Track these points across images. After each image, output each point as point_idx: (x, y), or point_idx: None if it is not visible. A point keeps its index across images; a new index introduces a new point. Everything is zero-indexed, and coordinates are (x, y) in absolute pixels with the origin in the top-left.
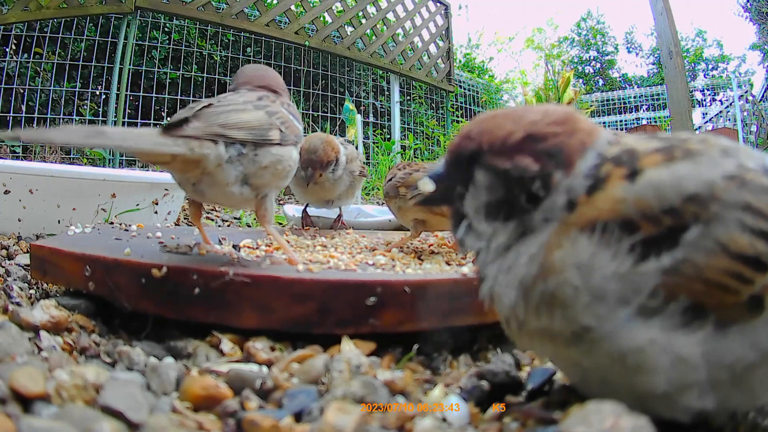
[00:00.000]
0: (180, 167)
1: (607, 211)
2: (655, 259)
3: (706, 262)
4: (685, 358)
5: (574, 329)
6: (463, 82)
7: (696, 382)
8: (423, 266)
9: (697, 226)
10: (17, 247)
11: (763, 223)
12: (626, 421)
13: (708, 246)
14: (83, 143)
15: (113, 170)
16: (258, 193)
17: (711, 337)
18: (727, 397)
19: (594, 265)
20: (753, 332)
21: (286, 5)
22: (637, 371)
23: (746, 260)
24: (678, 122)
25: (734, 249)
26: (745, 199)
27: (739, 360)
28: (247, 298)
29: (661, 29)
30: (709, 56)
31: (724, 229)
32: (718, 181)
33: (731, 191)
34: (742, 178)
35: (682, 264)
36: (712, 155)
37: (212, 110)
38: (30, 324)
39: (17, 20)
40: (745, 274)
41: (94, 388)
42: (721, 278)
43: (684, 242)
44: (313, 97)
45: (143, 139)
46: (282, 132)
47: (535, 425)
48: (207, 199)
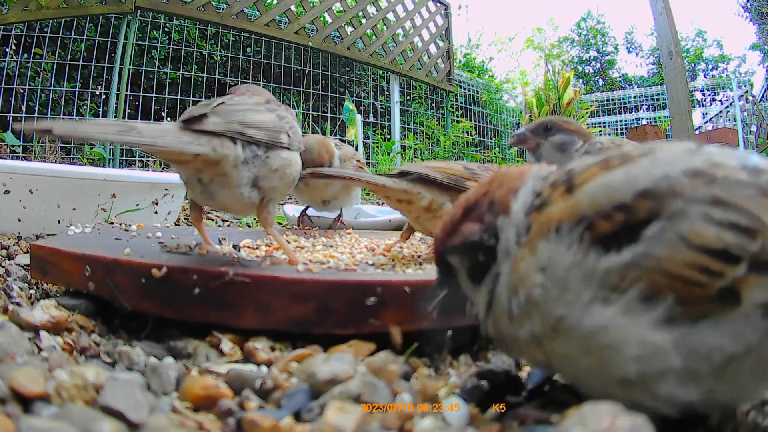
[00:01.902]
0: (197, 167)
1: (557, 217)
2: (615, 254)
3: (667, 255)
4: (650, 342)
5: (551, 323)
6: (463, 82)
7: (669, 369)
8: (423, 266)
9: (659, 222)
10: (17, 247)
11: (734, 215)
12: (623, 421)
13: (670, 240)
14: (116, 140)
15: (113, 170)
16: (264, 196)
17: (681, 326)
18: (714, 390)
19: (554, 260)
20: (732, 324)
21: (286, 5)
22: (604, 351)
23: (712, 253)
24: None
25: (697, 242)
26: (714, 194)
27: (718, 351)
28: (247, 298)
29: (661, 29)
30: (709, 56)
31: (688, 224)
32: (676, 177)
33: (696, 187)
34: (711, 174)
35: (642, 258)
36: (664, 156)
37: (229, 108)
38: (30, 324)
39: (17, 20)
40: (712, 267)
41: (94, 388)
42: (683, 271)
43: (645, 237)
44: (313, 97)
45: (169, 138)
46: (290, 137)
47: (533, 425)
48: (213, 201)
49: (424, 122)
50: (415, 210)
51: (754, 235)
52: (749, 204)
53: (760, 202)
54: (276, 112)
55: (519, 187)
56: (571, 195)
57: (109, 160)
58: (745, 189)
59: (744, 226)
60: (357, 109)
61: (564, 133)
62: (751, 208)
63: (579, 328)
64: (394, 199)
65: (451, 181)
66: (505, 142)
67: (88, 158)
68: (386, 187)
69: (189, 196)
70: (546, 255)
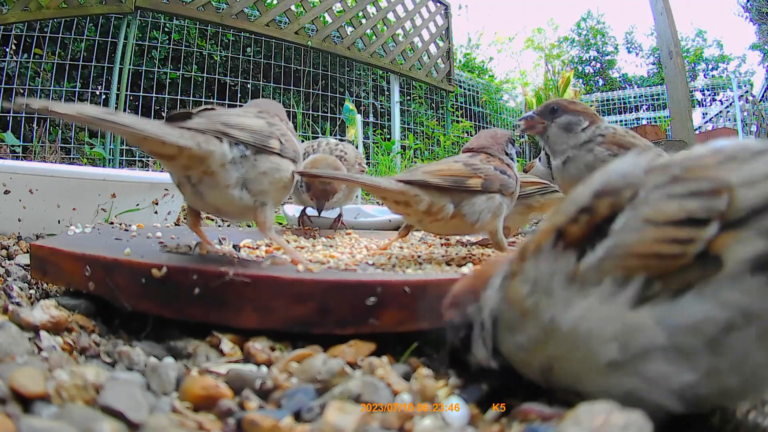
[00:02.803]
0: (184, 163)
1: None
2: (591, 253)
3: (636, 239)
4: (629, 322)
5: (544, 327)
6: (463, 82)
7: (653, 346)
8: (423, 266)
9: (623, 214)
10: (17, 247)
11: (693, 185)
12: (617, 418)
13: (635, 226)
14: (94, 120)
15: (113, 170)
16: (256, 199)
17: (661, 302)
18: (715, 370)
19: (540, 273)
20: (719, 290)
21: (286, 5)
22: (588, 339)
23: (678, 223)
24: (678, 122)
25: (661, 219)
26: (672, 174)
27: (708, 322)
28: (247, 298)
29: (661, 29)
30: (709, 56)
31: (649, 206)
32: (633, 173)
33: (654, 177)
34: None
35: (614, 248)
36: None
37: (214, 112)
38: (30, 324)
39: (17, 20)
40: (680, 236)
41: (94, 388)
42: (653, 248)
43: (613, 231)
44: (313, 97)
45: (153, 127)
46: (282, 144)
47: (539, 421)
48: (206, 203)
49: (424, 122)
50: (414, 213)
51: (717, 194)
52: (709, 172)
53: (721, 167)
54: (266, 119)
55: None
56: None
57: (109, 160)
58: (705, 160)
59: (707, 190)
60: (357, 109)
61: (570, 113)
62: (711, 174)
63: (564, 322)
64: (392, 200)
65: (451, 183)
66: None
67: (88, 158)
68: (382, 188)
69: (184, 200)
70: (532, 272)
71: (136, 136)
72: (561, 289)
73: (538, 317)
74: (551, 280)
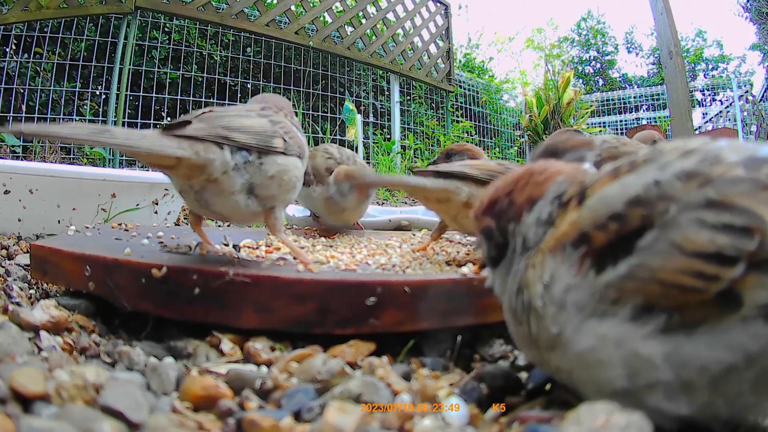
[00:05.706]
0: (184, 173)
1: (563, 233)
2: (612, 268)
3: (661, 265)
4: (640, 354)
5: (548, 337)
6: (463, 82)
7: (658, 381)
8: (423, 266)
9: (652, 231)
10: (17, 247)
11: (727, 216)
12: (618, 418)
13: (662, 249)
14: (88, 140)
15: (113, 170)
16: (265, 205)
17: (676, 336)
18: (710, 403)
19: (555, 279)
20: (730, 332)
21: (286, 5)
22: (596, 366)
23: (706, 257)
24: (678, 122)
25: (690, 248)
26: (707, 196)
27: (714, 362)
28: (247, 298)
29: (661, 29)
30: (709, 56)
31: (680, 231)
32: (667, 181)
33: (689, 190)
34: (705, 174)
35: (637, 269)
36: (664, 160)
37: (214, 114)
38: (30, 324)
39: (17, 20)
40: (707, 271)
41: (94, 388)
42: (677, 278)
43: (639, 248)
44: (313, 97)
45: (147, 140)
46: (286, 141)
47: (535, 426)
48: (210, 210)
49: (424, 122)
50: (454, 207)
51: (750, 233)
52: (745, 201)
53: (758, 197)
54: (269, 117)
55: (538, 197)
56: (580, 208)
57: (109, 160)
58: (742, 185)
59: (739, 226)
60: (357, 109)
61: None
62: (747, 204)
63: (574, 344)
64: (433, 199)
65: (488, 176)
66: (505, 142)
67: (88, 158)
68: (426, 188)
69: (186, 205)
70: (550, 271)
71: (131, 151)
72: (574, 307)
73: (548, 326)
74: (566, 293)
